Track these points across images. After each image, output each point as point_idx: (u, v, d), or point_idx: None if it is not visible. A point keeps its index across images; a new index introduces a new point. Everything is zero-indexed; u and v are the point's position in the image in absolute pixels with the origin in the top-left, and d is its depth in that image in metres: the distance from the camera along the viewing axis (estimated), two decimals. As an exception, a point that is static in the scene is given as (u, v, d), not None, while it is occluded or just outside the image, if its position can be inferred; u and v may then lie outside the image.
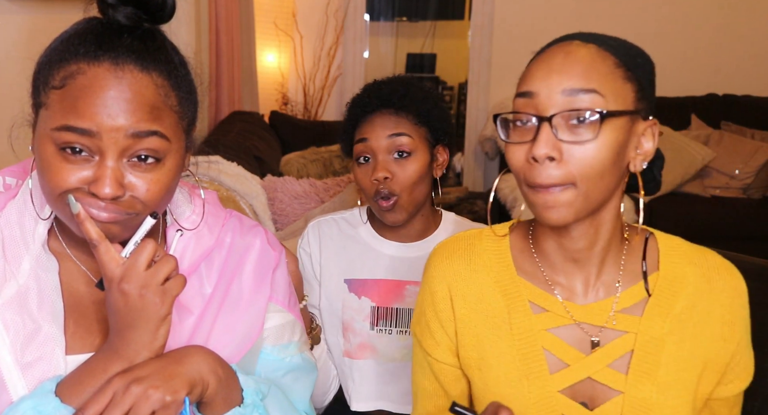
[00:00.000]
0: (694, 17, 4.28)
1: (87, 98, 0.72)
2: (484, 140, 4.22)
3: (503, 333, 0.89)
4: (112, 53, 0.73)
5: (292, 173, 3.33)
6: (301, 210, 2.50)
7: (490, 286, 0.91)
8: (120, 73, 0.73)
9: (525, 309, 0.89)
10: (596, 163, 0.77)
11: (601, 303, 0.88)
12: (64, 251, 0.86)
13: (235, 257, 0.93)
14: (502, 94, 4.28)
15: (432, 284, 0.95)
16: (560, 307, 0.88)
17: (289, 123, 4.14)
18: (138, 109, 0.73)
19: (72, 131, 0.72)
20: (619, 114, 0.78)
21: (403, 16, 6.89)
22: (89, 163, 0.74)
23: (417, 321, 0.99)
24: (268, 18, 4.33)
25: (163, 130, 0.75)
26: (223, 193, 2.13)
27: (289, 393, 0.96)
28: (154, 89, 0.75)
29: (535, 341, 0.88)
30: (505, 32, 4.35)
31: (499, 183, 3.86)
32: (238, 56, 3.74)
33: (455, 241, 0.97)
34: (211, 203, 0.95)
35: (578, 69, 0.79)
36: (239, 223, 0.97)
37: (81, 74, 0.72)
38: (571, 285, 0.89)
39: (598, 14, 4.29)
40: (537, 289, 0.90)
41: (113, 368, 0.76)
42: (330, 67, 4.47)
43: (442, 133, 1.30)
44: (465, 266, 0.93)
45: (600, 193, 0.80)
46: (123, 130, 0.72)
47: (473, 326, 0.92)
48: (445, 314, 0.93)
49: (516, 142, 0.81)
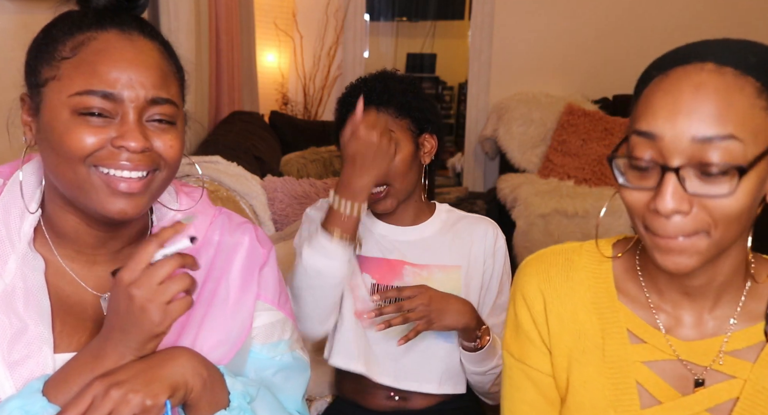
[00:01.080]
0: (694, 18, 4.27)
1: (105, 61, 0.74)
2: (484, 140, 4.22)
3: (594, 358, 0.82)
4: (117, 20, 0.76)
5: (292, 173, 3.33)
6: (301, 210, 2.49)
7: (586, 306, 0.83)
8: (130, 38, 0.76)
9: (622, 337, 0.81)
10: (733, 212, 0.67)
11: (709, 341, 0.79)
12: (50, 249, 0.85)
13: (223, 255, 0.92)
14: (502, 94, 4.28)
15: (527, 294, 0.87)
16: (662, 340, 0.80)
17: (289, 123, 4.14)
18: (153, 74, 0.76)
19: (94, 94, 0.73)
20: (760, 158, 0.66)
21: (403, 16, 6.89)
22: (110, 124, 0.75)
23: (514, 336, 0.90)
24: (268, 18, 4.33)
25: (173, 98, 0.79)
26: (223, 193, 2.12)
27: (280, 392, 0.95)
28: (161, 55, 0.79)
29: (629, 372, 0.80)
30: (505, 32, 4.35)
31: (499, 183, 3.85)
32: (238, 56, 3.74)
33: (552, 254, 0.89)
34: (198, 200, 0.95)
35: (711, 108, 0.65)
36: (228, 220, 0.96)
37: (93, 40, 0.75)
38: (679, 316, 0.80)
39: (598, 16, 4.29)
40: (637, 318, 0.81)
41: (100, 367, 0.75)
42: (330, 67, 4.47)
43: (425, 122, 1.35)
44: (562, 283, 0.85)
45: (732, 238, 0.70)
46: (143, 94, 0.75)
47: (564, 346, 0.84)
48: (543, 327, 0.86)
49: (635, 188, 0.70)
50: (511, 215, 3.51)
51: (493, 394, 1.37)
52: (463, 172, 4.54)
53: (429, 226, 1.41)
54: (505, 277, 1.41)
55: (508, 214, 3.55)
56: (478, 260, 1.39)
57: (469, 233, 1.40)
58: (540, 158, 3.97)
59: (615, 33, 4.31)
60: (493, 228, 1.41)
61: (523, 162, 3.98)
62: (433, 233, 1.40)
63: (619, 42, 4.30)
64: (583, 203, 3.44)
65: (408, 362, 1.36)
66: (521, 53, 4.37)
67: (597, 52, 4.33)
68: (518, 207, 3.51)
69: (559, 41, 4.33)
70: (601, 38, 4.32)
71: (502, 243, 1.41)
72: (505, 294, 1.40)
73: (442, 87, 6.75)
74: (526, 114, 4.02)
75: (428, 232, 1.40)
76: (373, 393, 1.39)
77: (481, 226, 1.41)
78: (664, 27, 4.27)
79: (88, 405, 0.72)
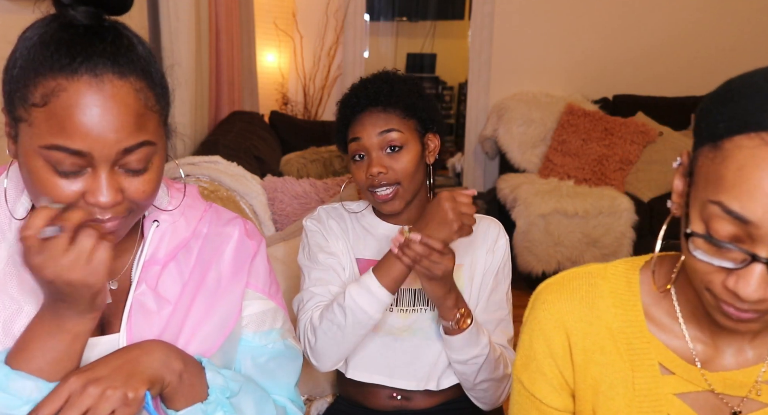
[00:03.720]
0: (695, 18, 4.28)
1: (74, 117, 0.71)
2: (484, 140, 4.22)
3: (624, 391, 0.78)
4: (89, 63, 0.72)
5: (292, 173, 3.33)
6: (301, 210, 2.49)
7: (614, 336, 0.78)
8: (101, 85, 0.72)
9: (653, 370, 0.77)
10: None
11: (747, 371, 0.74)
12: None
13: (211, 245, 0.94)
14: (502, 94, 4.28)
15: (546, 327, 0.82)
16: (696, 373, 0.75)
17: (289, 123, 4.14)
18: (125, 122, 0.73)
19: (62, 151, 0.72)
20: None
21: (403, 16, 6.89)
22: (81, 175, 0.74)
23: (525, 366, 0.85)
24: (268, 18, 4.33)
25: (150, 137, 0.77)
26: (223, 193, 2.12)
27: (274, 379, 0.98)
28: (135, 96, 0.75)
29: (661, 406, 0.76)
30: (505, 32, 4.35)
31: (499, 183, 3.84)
32: (238, 56, 3.74)
33: (574, 278, 0.82)
34: (190, 196, 0.97)
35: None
36: (217, 215, 0.98)
37: (62, 91, 0.71)
38: (718, 346, 0.76)
39: (598, 16, 4.29)
40: (670, 352, 0.77)
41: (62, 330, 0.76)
42: (330, 67, 4.47)
43: (430, 122, 1.37)
44: (587, 312, 0.79)
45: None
46: (114, 147, 0.73)
47: (591, 378, 0.79)
48: (564, 361, 0.81)
49: (713, 264, 0.64)
50: (511, 215, 3.51)
51: (480, 392, 1.35)
52: (463, 172, 4.54)
53: None
54: (501, 274, 1.40)
55: (508, 214, 3.55)
56: (480, 258, 1.39)
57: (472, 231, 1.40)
58: (540, 158, 3.97)
59: (615, 33, 4.31)
60: (495, 227, 1.41)
61: (523, 162, 3.99)
62: None
63: (619, 42, 4.30)
64: (583, 203, 3.44)
65: (405, 361, 1.36)
66: (521, 53, 4.37)
67: (597, 52, 4.34)
68: (518, 207, 3.51)
69: (559, 41, 4.33)
70: (601, 38, 4.32)
71: (504, 242, 1.41)
72: (500, 292, 1.40)
73: (442, 87, 6.75)
74: (526, 114, 4.02)
75: None
76: (375, 393, 1.40)
77: (483, 224, 1.41)
78: (665, 27, 4.27)
79: (63, 402, 0.73)
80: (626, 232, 3.36)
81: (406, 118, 1.32)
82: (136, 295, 0.86)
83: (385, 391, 1.39)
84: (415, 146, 1.32)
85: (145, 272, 0.88)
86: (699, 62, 4.30)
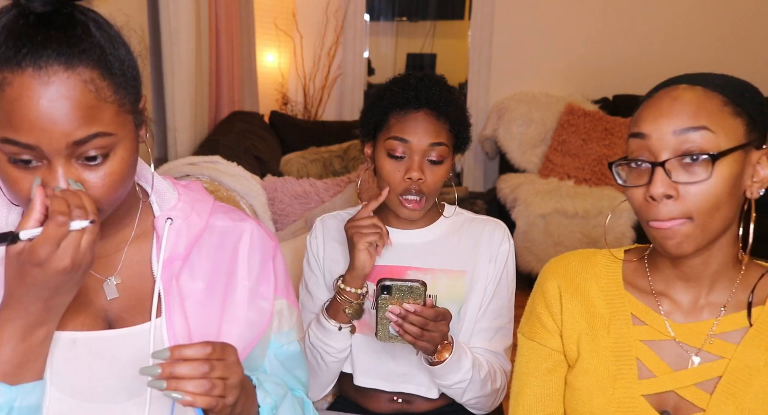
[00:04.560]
0: (694, 17, 4.28)
1: (19, 112, 0.70)
2: (484, 140, 4.22)
3: (601, 334, 0.96)
4: (33, 55, 0.70)
5: (292, 173, 3.33)
6: (301, 210, 2.49)
7: (597, 294, 0.99)
8: (45, 78, 0.70)
9: (626, 319, 0.96)
10: (711, 199, 0.82)
11: (701, 324, 0.92)
12: None
13: (229, 238, 0.95)
14: (502, 94, 4.28)
15: (544, 284, 1.03)
16: (661, 323, 0.94)
17: (289, 123, 4.14)
18: (72, 116, 0.71)
19: (13, 144, 0.71)
20: (731, 150, 0.81)
21: (403, 16, 6.89)
22: (40, 169, 0.74)
23: (526, 321, 1.06)
24: (268, 18, 4.33)
25: (104, 129, 0.74)
26: (223, 193, 2.13)
27: (292, 374, 1.01)
28: (84, 88, 0.72)
29: (630, 348, 0.94)
30: (505, 32, 4.35)
31: (499, 183, 3.84)
32: (238, 56, 3.74)
33: (573, 254, 1.05)
34: (196, 190, 0.97)
35: (687, 110, 0.82)
36: (228, 210, 0.99)
37: (7, 85, 0.70)
38: (678, 300, 0.94)
39: (598, 15, 4.29)
40: (641, 304, 0.96)
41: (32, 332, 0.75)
42: (330, 67, 4.47)
43: (463, 145, 1.36)
44: (578, 273, 1.01)
45: (717, 225, 0.84)
46: (62, 140, 0.71)
47: (576, 322, 0.99)
48: (555, 307, 1.01)
49: (634, 186, 0.87)
50: (511, 215, 3.51)
51: (471, 405, 1.34)
52: (463, 172, 4.54)
53: (435, 228, 1.38)
54: (503, 282, 1.37)
55: (508, 214, 3.55)
56: (483, 264, 1.35)
57: (476, 236, 1.37)
58: (540, 158, 3.97)
59: (615, 33, 4.31)
60: (500, 231, 1.38)
61: (523, 162, 3.98)
62: (439, 236, 1.38)
63: (619, 42, 4.30)
64: (583, 203, 3.44)
65: (408, 368, 1.36)
66: (521, 53, 4.37)
67: (597, 52, 4.34)
68: (518, 207, 3.51)
69: (559, 41, 4.33)
70: (601, 38, 4.31)
71: (507, 247, 1.37)
72: (502, 299, 1.37)
73: (442, 87, 6.75)
74: (526, 114, 4.02)
75: (434, 235, 1.38)
76: (377, 397, 1.39)
77: (488, 228, 1.38)
78: (664, 27, 4.27)
79: None
80: (626, 232, 3.36)
81: (452, 132, 1.30)
82: (166, 288, 0.86)
83: (386, 394, 1.39)
84: (450, 162, 1.32)
85: (168, 268, 0.88)
86: (699, 62, 4.30)
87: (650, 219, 0.85)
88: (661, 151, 0.83)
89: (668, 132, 0.82)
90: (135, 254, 0.90)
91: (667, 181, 0.82)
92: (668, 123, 0.83)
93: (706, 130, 0.81)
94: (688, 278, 0.92)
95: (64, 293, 0.75)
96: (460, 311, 1.34)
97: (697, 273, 0.91)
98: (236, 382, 0.77)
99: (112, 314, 0.87)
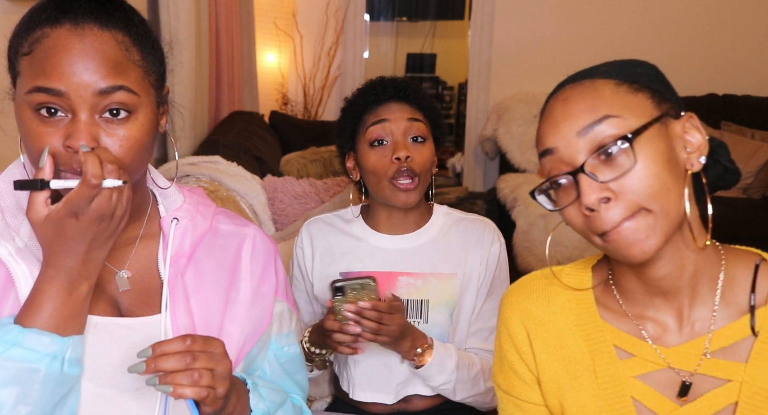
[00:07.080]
0: (693, 17, 4.28)
1: (52, 59, 0.75)
2: (484, 140, 4.22)
3: (587, 381, 0.83)
4: (71, 14, 0.76)
5: (292, 173, 3.33)
6: (301, 210, 2.49)
7: (571, 329, 0.85)
8: (81, 31, 0.76)
9: (610, 355, 0.82)
10: (653, 181, 0.72)
11: (697, 342, 0.79)
12: None
13: (232, 241, 0.97)
14: (502, 94, 4.28)
15: (510, 325, 0.89)
16: (650, 350, 0.80)
17: (289, 123, 4.14)
18: (101, 65, 0.76)
19: (42, 92, 0.75)
20: (645, 127, 0.74)
21: (403, 16, 6.89)
22: (64, 122, 0.76)
23: (499, 369, 0.93)
24: (268, 18, 4.33)
25: (129, 85, 0.78)
26: (223, 193, 2.12)
27: (292, 378, 1.02)
28: (115, 45, 0.78)
29: (623, 390, 0.80)
30: (505, 32, 4.35)
31: (499, 183, 3.83)
32: (238, 56, 3.74)
33: (532, 280, 0.91)
34: (199, 195, 1.01)
35: (581, 107, 0.76)
36: (231, 215, 1.02)
37: (45, 37, 0.76)
38: (663, 320, 0.81)
39: (597, 15, 4.29)
40: (622, 333, 0.82)
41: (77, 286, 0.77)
42: (330, 67, 4.47)
43: (441, 137, 1.38)
44: (543, 308, 0.87)
45: (675, 207, 0.74)
46: (90, 88, 0.75)
47: (554, 373, 0.85)
48: (527, 355, 0.88)
49: (566, 206, 0.78)
50: (511, 215, 3.51)
51: (468, 403, 1.35)
52: (463, 172, 4.54)
53: (425, 232, 1.37)
54: (497, 282, 1.36)
55: (508, 214, 3.55)
56: (474, 265, 1.35)
57: (465, 237, 1.36)
58: (540, 158, 3.97)
59: (615, 33, 4.31)
60: (490, 231, 1.37)
61: (523, 162, 3.98)
62: (429, 240, 1.37)
63: (619, 42, 4.30)
64: (583, 203, 3.44)
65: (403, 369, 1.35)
66: (521, 53, 4.37)
67: (597, 52, 4.33)
68: (518, 207, 3.51)
69: (559, 41, 4.33)
70: (601, 38, 4.32)
71: (498, 247, 1.36)
72: (496, 298, 1.36)
73: (442, 87, 6.75)
74: (526, 114, 4.02)
75: (424, 239, 1.37)
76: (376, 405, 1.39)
77: (477, 229, 1.37)
78: (664, 27, 4.27)
79: None
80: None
81: (427, 118, 1.34)
82: (171, 284, 0.89)
83: (386, 406, 1.38)
84: (432, 146, 1.33)
85: (174, 265, 0.90)
86: (699, 62, 4.30)
87: (601, 231, 0.74)
88: (574, 158, 0.75)
89: (572, 136, 0.75)
90: (143, 250, 0.92)
91: (596, 185, 0.73)
92: (569, 127, 0.75)
93: (610, 117, 0.74)
94: (665, 292, 0.79)
95: (99, 244, 0.77)
96: (452, 313, 1.34)
97: (673, 282, 0.78)
98: (224, 372, 0.78)
99: (123, 305, 0.89)
